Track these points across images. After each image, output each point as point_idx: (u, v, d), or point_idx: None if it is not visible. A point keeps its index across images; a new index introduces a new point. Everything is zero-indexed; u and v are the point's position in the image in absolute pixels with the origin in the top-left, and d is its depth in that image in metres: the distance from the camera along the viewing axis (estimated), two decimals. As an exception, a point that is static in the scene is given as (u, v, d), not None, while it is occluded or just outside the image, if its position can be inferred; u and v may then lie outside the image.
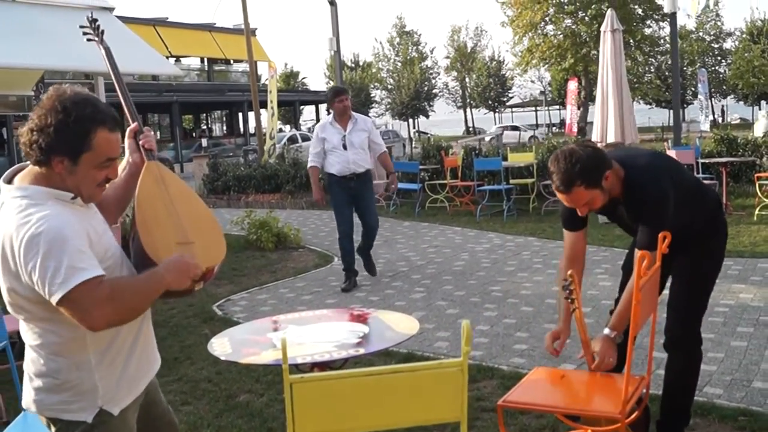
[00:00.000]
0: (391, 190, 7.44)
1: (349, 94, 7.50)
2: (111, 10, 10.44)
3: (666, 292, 3.74)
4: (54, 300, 1.90)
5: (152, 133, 2.52)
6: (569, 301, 3.07)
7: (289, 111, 54.17)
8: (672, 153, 11.20)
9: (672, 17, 13.61)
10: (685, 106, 53.47)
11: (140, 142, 2.46)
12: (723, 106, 59.09)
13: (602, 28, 10.61)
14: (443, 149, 14.97)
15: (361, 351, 3.09)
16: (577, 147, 3.27)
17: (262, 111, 22.35)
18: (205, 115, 54.49)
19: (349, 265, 7.55)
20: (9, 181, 2.12)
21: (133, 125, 2.49)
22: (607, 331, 3.31)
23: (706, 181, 11.26)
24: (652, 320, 3.34)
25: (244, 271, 8.65)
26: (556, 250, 9.04)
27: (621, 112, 10.34)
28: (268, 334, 3.45)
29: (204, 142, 31.78)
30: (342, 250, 7.55)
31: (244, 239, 10.36)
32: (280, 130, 40.57)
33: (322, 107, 55.27)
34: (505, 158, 13.28)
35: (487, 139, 35.11)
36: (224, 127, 55.91)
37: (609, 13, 10.64)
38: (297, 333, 3.37)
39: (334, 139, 7.30)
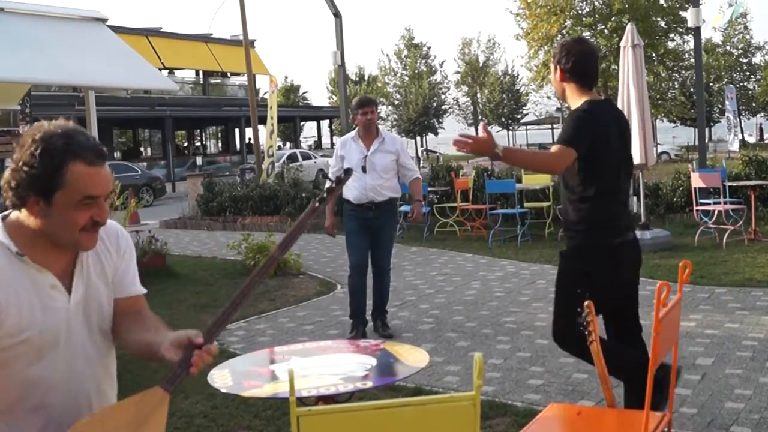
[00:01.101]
0: (410, 219, 7.00)
1: (376, 105, 6.77)
2: (104, 21, 10.62)
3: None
4: None
5: (211, 358, 2.08)
6: (586, 332, 3.14)
7: (289, 127, 54.47)
8: (696, 176, 11.29)
9: (696, 31, 13.78)
10: (711, 124, 53.65)
11: (192, 359, 2.03)
12: (760, 124, 59.15)
13: (622, 44, 10.73)
14: (453, 170, 15.10)
15: (369, 384, 3.16)
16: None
17: (261, 127, 22.55)
18: (199, 131, 54.90)
19: (357, 311, 6.85)
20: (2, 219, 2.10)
21: (198, 338, 2.05)
22: (500, 148, 3.79)
23: (732, 205, 11.35)
24: (673, 355, 3.41)
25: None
26: (574, 278, 9.08)
27: (644, 133, 10.43)
28: (271, 366, 3.53)
29: (198, 159, 32.00)
30: (350, 290, 6.88)
31: (241, 264, 10.45)
32: (279, 148, 40.82)
33: (324, 123, 55.69)
34: (519, 180, 13.38)
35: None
36: (220, 144, 56.21)
37: (629, 27, 10.78)
38: (301, 365, 3.45)
39: (354, 159, 6.61)
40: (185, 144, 54.16)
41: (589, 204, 3.93)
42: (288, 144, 55.66)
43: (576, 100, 4.03)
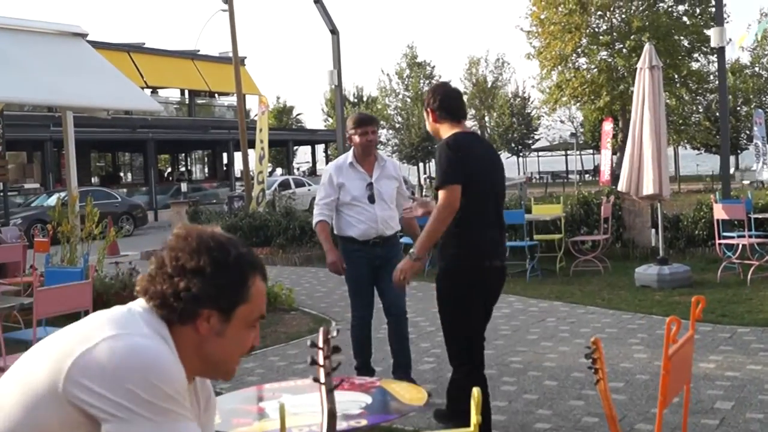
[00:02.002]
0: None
1: (377, 125, 6.38)
2: (84, 36, 10.83)
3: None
4: None
5: None
6: (593, 371, 3.25)
7: (281, 152, 54.79)
8: (719, 207, 11.44)
9: (720, 52, 13.99)
10: (738, 151, 53.93)
11: None
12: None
13: (639, 65, 10.92)
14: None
15: (363, 423, 3.27)
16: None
17: (251, 151, 22.78)
18: (184, 155, 55.12)
19: (364, 362, 6.47)
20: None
21: None
22: (412, 252, 4.73)
23: (758, 239, 11.48)
24: (685, 396, 3.52)
25: (228, 336, 8.82)
26: (586, 317, 9.22)
27: (658, 161, 10.58)
28: (260, 404, 3.64)
29: (183, 186, 32.21)
30: (354, 342, 6.47)
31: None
32: (270, 174, 41.09)
33: (319, 148, 55.94)
34: (528, 210, 13.52)
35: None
36: (206, 170, 56.45)
37: (647, 47, 10.97)
38: (292, 402, 3.56)
39: (357, 188, 6.16)
40: (169, 169, 54.39)
41: (460, 228, 4.67)
42: (280, 170, 55.98)
43: (448, 133, 4.83)
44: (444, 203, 4.60)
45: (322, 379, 2.23)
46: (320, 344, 2.27)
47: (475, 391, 2.24)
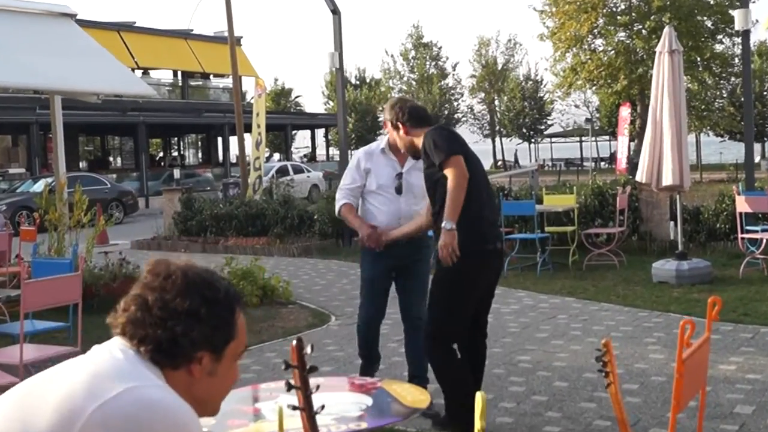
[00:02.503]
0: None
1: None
2: (73, 16, 10.85)
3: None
4: None
5: None
6: (603, 374, 3.29)
7: (279, 136, 54.96)
8: (741, 199, 11.46)
9: (745, 35, 13.99)
10: (765, 139, 53.90)
11: None
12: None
13: (658, 48, 10.93)
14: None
15: (364, 425, 3.32)
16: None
17: (247, 136, 22.80)
18: (176, 139, 55.27)
19: (369, 351, 6.31)
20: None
21: None
22: (445, 223, 4.90)
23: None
24: (701, 400, 3.56)
25: (223, 332, 8.87)
26: (599, 314, 9.25)
27: (678, 150, 10.60)
28: (257, 404, 3.69)
29: (176, 172, 32.26)
30: (360, 336, 6.33)
31: (223, 293, 10.60)
32: (267, 160, 41.13)
33: (319, 132, 56.03)
34: (540, 201, 13.55)
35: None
36: (200, 155, 56.61)
37: (667, 30, 10.97)
38: (289, 403, 3.60)
39: (384, 176, 6.03)
40: (160, 154, 54.56)
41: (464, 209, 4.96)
42: (278, 155, 56.05)
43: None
44: (456, 172, 4.93)
45: (301, 404, 2.22)
46: (294, 362, 2.28)
47: (479, 397, 2.28)
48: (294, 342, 2.35)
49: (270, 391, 3.86)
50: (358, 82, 66.52)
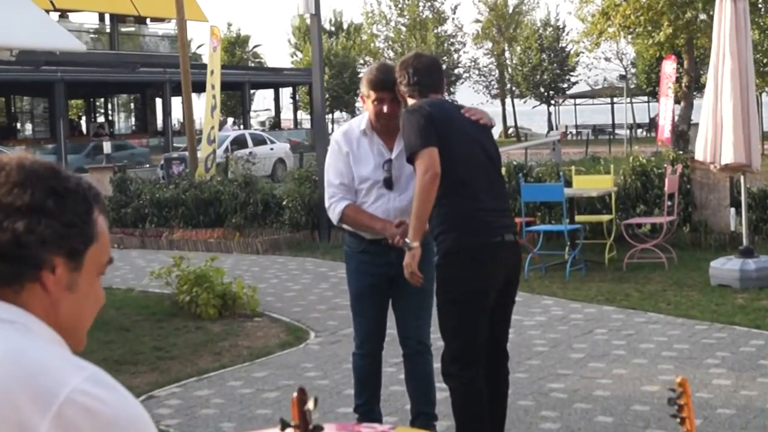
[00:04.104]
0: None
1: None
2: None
3: None
4: None
5: None
6: (678, 420, 3.26)
7: (234, 97, 54.71)
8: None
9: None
10: (841, 101, 54.11)
11: None
12: None
13: (718, -9, 10.91)
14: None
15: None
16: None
17: (194, 97, 22.66)
18: (103, 100, 54.92)
19: (367, 405, 6.09)
20: None
21: None
22: (407, 240, 5.20)
23: None
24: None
25: (173, 352, 8.82)
26: (646, 327, 9.25)
27: (746, 121, 10.58)
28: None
29: (106, 146, 31.96)
30: (356, 374, 6.19)
31: (171, 301, 10.55)
32: (220, 128, 40.93)
33: (285, 92, 55.81)
34: (568, 183, 13.52)
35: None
36: (132, 121, 56.28)
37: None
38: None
39: (369, 165, 5.86)
40: (82, 120, 54.23)
41: (445, 201, 5.20)
42: (232, 121, 55.85)
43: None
44: (422, 170, 5.11)
45: None
46: (294, 420, 2.22)
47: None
48: (294, 394, 2.29)
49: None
50: (333, 29, 66.36)
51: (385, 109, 5.71)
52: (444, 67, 56.33)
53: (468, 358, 5.29)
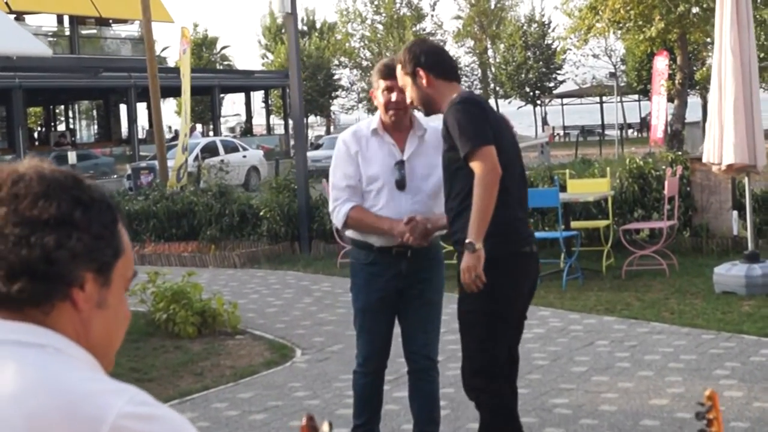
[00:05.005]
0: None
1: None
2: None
3: None
4: None
5: None
6: (705, 434, 3.27)
7: (202, 102, 54.58)
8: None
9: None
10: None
11: None
12: None
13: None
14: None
15: None
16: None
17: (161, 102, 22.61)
18: (63, 107, 54.71)
19: (367, 426, 6.15)
20: None
21: None
22: (469, 242, 4.97)
23: None
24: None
25: (152, 373, 8.80)
26: (650, 338, 9.29)
27: (750, 119, 10.63)
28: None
29: (71, 155, 31.76)
30: (357, 394, 6.18)
31: (147, 319, 10.52)
32: (190, 134, 40.82)
33: (257, 96, 55.77)
34: (563, 188, 13.55)
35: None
36: (95, 129, 56.07)
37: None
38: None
39: (379, 166, 5.84)
40: (42, 128, 54.01)
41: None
42: (201, 128, 55.75)
43: (449, 98, 5.29)
44: (486, 168, 4.98)
45: None
46: None
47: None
48: (303, 420, 2.29)
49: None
50: (305, 28, 66.39)
51: (393, 97, 5.71)
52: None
53: (494, 372, 5.31)
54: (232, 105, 75.02)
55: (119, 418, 1.62)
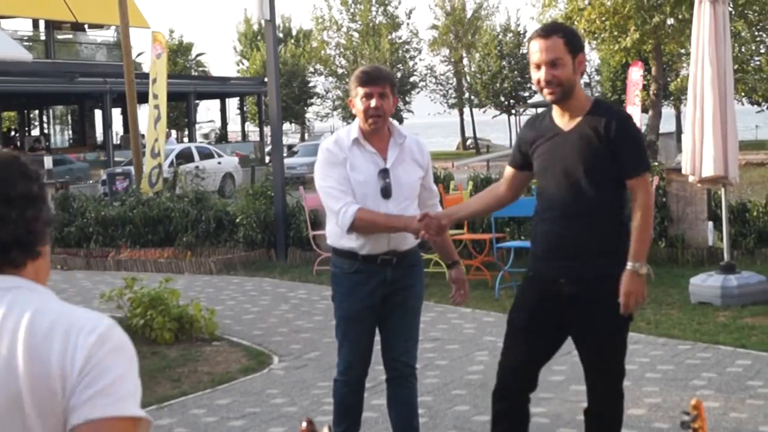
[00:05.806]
0: (456, 301, 6.31)
1: (392, 84, 5.88)
2: None
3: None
4: None
5: None
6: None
7: (177, 108, 54.48)
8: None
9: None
10: (814, 109, 54.71)
11: None
12: None
13: (696, -5, 11.03)
14: (439, 180, 15.27)
15: None
16: None
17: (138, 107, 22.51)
18: (38, 112, 54.47)
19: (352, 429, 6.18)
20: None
21: None
22: (635, 264, 5.06)
23: None
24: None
25: (129, 379, 8.76)
26: (628, 347, 9.29)
27: (723, 131, 10.70)
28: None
29: (47, 160, 31.56)
30: (338, 404, 6.14)
31: (123, 325, 10.37)
32: (165, 140, 40.70)
33: (232, 103, 55.69)
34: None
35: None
36: (69, 134, 55.83)
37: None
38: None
39: (363, 175, 5.80)
40: (15, 134, 53.73)
41: (624, 226, 5.20)
42: (175, 134, 55.60)
43: (584, 98, 5.36)
44: (651, 193, 5.23)
45: None
46: None
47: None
48: (303, 424, 2.30)
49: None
50: (281, 35, 66.32)
51: (373, 103, 5.65)
52: (398, 75, 56.54)
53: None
54: (206, 111, 74.97)
55: (107, 329, 2.16)
